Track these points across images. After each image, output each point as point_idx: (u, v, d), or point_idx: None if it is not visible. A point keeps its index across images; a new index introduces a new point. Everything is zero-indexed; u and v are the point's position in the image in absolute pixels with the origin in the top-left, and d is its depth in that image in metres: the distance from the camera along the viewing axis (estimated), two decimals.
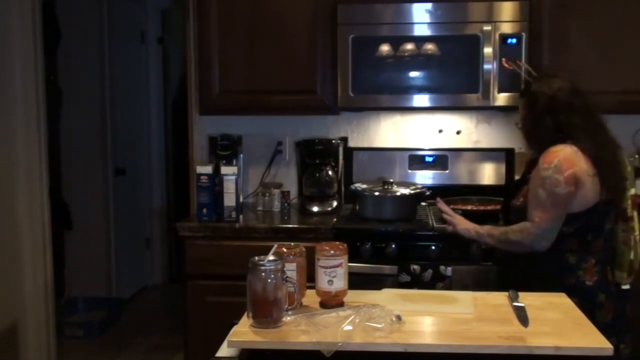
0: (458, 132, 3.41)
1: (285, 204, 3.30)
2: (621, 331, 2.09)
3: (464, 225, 2.42)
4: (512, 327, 1.59)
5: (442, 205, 2.58)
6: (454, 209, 2.93)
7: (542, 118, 2.17)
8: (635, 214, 2.22)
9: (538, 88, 2.23)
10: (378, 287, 1.97)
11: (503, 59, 2.77)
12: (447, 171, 3.34)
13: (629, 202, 2.19)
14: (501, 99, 2.96)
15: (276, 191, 3.28)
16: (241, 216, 3.05)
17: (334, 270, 1.71)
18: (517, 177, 3.38)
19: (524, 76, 2.53)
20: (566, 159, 2.06)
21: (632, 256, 2.19)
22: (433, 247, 2.70)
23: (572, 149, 2.09)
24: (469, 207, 2.99)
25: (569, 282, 2.09)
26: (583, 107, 2.17)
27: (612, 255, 2.19)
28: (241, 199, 3.14)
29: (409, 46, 2.91)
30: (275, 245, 1.72)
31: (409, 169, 3.33)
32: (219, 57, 3.13)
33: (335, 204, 3.22)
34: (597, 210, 2.10)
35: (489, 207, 2.99)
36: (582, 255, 2.12)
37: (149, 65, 5.49)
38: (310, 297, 1.77)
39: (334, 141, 3.28)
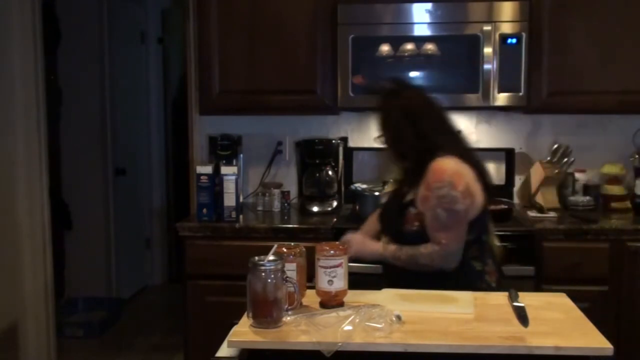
0: (458, 132, 3.40)
1: (285, 204, 3.30)
2: None
3: (369, 249, 2.20)
4: (512, 327, 1.59)
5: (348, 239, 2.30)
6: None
7: (401, 129, 2.10)
8: None
9: (387, 101, 2.17)
10: (378, 287, 1.97)
11: (356, 77, 2.74)
12: None
13: None
14: (501, 99, 2.96)
15: (276, 191, 3.28)
16: (241, 216, 3.05)
17: (334, 270, 1.71)
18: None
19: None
20: (455, 172, 1.99)
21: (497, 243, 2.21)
22: None
23: (454, 160, 2.02)
24: None
25: (480, 287, 2.02)
26: (437, 113, 2.14)
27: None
28: (241, 199, 3.14)
29: (409, 46, 2.91)
30: (275, 245, 1.71)
31: None
32: (219, 57, 3.13)
33: (335, 204, 3.22)
34: (486, 210, 2.09)
35: (488, 207, 2.98)
36: (484, 259, 2.09)
37: (149, 65, 5.49)
38: (310, 297, 1.77)
39: (334, 141, 3.28)
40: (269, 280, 1.57)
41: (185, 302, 2.96)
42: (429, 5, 2.95)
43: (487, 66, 2.93)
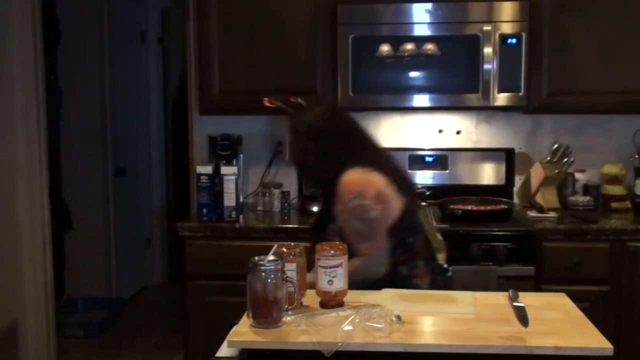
0: (458, 132, 3.41)
1: (285, 204, 3.30)
2: None
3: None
4: (512, 327, 1.59)
5: None
6: (453, 209, 2.94)
7: (307, 148, 2.12)
8: None
9: (295, 120, 2.22)
10: (378, 287, 1.97)
11: (265, 99, 2.75)
12: (447, 171, 3.34)
13: None
14: (501, 99, 2.96)
15: (276, 191, 3.28)
16: (241, 216, 3.05)
17: (334, 270, 1.71)
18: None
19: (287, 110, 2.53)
20: (363, 181, 2.01)
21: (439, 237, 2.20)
22: None
23: (360, 171, 2.03)
24: (469, 207, 2.99)
25: None
26: (343, 128, 2.15)
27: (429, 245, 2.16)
28: (241, 199, 3.14)
29: (409, 46, 2.91)
30: (275, 245, 1.71)
31: (409, 169, 3.32)
32: (219, 57, 3.13)
33: None
34: (408, 212, 2.07)
35: (488, 207, 2.99)
36: (412, 263, 2.08)
37: (149, 65, 5.49)
38: (310, 297, 1.77)
39: None
40: (269, 280, 1.57)
41: (185, 302, 2.96)
42: (429, 5, 2.95)
43: (487, 66, 2.93)
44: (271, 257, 1.62)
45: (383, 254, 2.03)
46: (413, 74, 3.00)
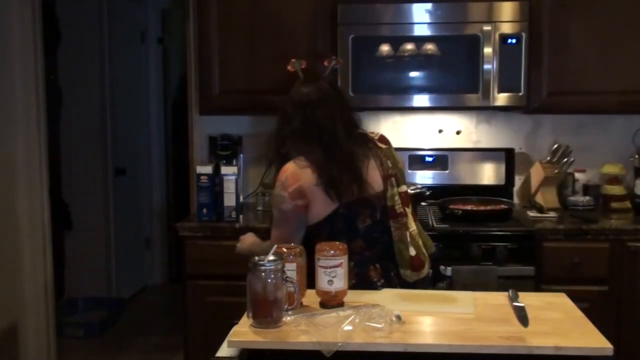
0: (458, 132, 3.41)
1: None
2: None
3: (242, 244, 2.40)
4: (512, 327, 1.59)
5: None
6: (453, 209, 2.94)
7: (281, 120, 2.17)
8: (408, 209, 2.15)
9: (292, 90, 2.22)
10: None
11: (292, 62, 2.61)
12: (447, 171, 3.34)
13: (397, 198, 2.11)
14: (501, 99, 2.96)
15: None
16: (241, 216, 3.05)
17: (334, 270, 1.71)
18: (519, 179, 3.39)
19: None
20: (291, 174, 2.05)
21: (412, 252, 2.11)
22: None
23: (297, 164, 2.06)
24: (469, 207, 2.99)
25: None
26: (305, 117, 2.11)
27: (392, 255, 2.12)
28: (241, 199, 3.14)
29: (409, 46, 2.91)
30: (275, 245, 1.72)
31: (409, 169, 3.33)
32: (219, 57, 3.13)
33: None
34: (341, 214, 2.05)
35: (488, 207, 2.99)
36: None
37: (149, 65, 5.49)
38: (310, 297, 1.77)
39: None
40: (269, 280, 1.57)
41: (185, 302, 2.96)
42: (429, 5, 2.95)
43: (487, 66, 2.93)
44: (271, 257, 1.62)
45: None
46: (413, 74, 3.00)
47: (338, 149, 2.07)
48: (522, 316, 1.63)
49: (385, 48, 2.92)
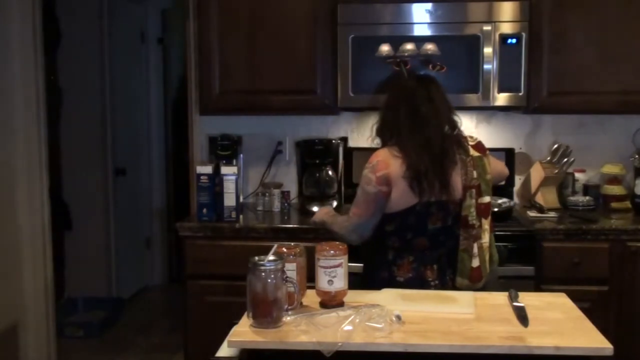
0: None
1: (285, 204, 3.31)
2: None
3: (317, 215, 2.58)
4: (512, 327, 1.59)
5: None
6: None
7: (381, 116, 2.25)
8: (486, 220, 2.17)
9: (388, 86, 2.36)
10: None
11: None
12: None
13: (472, 210, 2.13)
14: (501, 99, 2.96)
15: (276, 191, 3.28)
16: (241, 216, 3.06)
17: (334, 270, 1.71)
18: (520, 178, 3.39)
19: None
20: (382, 160, 2.11)
21: (474, 264, 2.13)
22: None
23: (390, 152, 2.12)
24: None
25: (382, 276, 2.15)
26: (411, 109, 2.15)
27: (452, 260, 2.16)
28: (241, 199, 3.15)
29: (409, 46, 2.91)
30: (275, 245, 1.72)
31: None
32: (219, 57, 3.13)
33: (335, 204, 3.22)
34: (416, 211, 2.10)
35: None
36: (400, 253, 2.14)
37: (149, 65, 5.49)
38: (310, 297, 1.77)
39: (334, 141, 3.28)
40: (269, 280, 1.57)
41: (185, 302, 2.96)
42: (429, 5, 2.95)
43: (487, 66, 2.93)
44: (271, 257, 1.62)
45: (361, 225, 2.15)
46: None
47: (434, 147, 2.12)
48: (522, 316, 1.63)
49: (385, 48, 2.92)
